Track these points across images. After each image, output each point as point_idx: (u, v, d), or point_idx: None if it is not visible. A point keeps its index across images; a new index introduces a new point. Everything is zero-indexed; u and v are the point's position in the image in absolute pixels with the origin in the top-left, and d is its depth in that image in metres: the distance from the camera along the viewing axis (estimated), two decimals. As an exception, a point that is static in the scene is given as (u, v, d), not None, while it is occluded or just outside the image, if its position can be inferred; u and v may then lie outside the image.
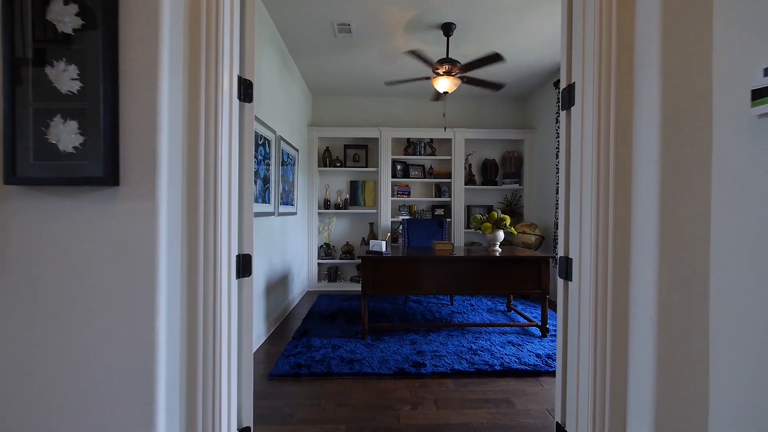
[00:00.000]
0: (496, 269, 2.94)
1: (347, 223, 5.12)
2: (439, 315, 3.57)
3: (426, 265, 2.92)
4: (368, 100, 5.11)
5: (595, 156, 1.07)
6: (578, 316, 1.13)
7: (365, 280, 2.86)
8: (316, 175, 4.83)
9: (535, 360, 2.47)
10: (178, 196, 0.99)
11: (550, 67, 4.13)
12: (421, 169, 5.05)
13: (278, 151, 3.25)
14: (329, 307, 3.87)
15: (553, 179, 4.37)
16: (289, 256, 3.88)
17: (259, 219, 2.82)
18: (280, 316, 3.42)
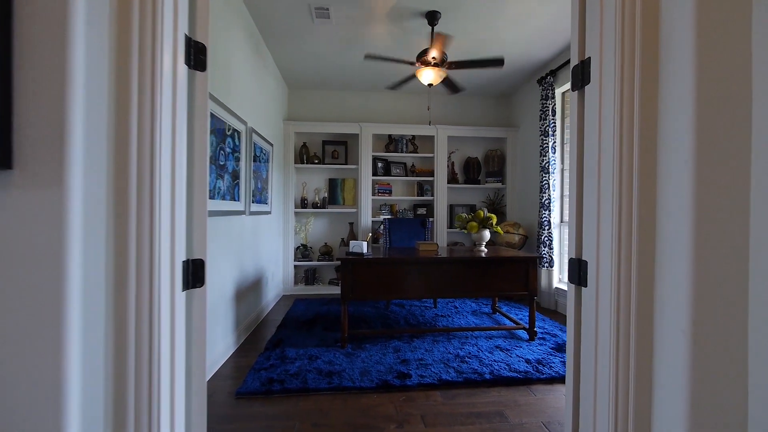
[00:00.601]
0: (483, 270, 2.80)
1: (326, 223, 4.88)
2: (423, 319, 3.40)
3: (410, 267, 2.74)
4: (348, 94, 4.89)
5: (617, 141, 0.91)
6: (596, 327, 0.97)
7: (345, 284, 2.65)
8: (292, 172, 4.56)
9: (525, 366, 2.34)
10: (100, 186, 0.75)
11: (535, 64, 4.06)
12: (402, 167, 4.88)
13: (250, 144, 2.98)
14: (306, 312, 3.62)
15: (536, 178, 4.31)
16: (263, 259, 3.60)
17: (227, 218, 2.55)
18: (252, 324, 3.15)
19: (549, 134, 3.88)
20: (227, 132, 2.48)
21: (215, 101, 2.24)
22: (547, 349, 2.64)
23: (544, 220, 3.89)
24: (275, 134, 4.11)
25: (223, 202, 2.41)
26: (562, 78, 3.83)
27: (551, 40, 3.49)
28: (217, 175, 2.30)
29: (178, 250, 0.87)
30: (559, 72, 3.85)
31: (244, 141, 2.83)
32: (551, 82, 3.87)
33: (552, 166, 3.88)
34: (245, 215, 2.94)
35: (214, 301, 2.34)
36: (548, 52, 3.74)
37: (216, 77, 2.32)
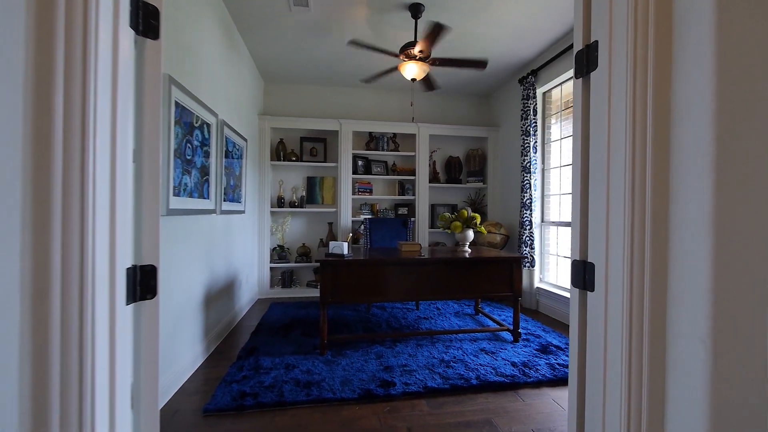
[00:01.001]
0: (468, 271, 2.72)
1: (303, 223, 4.69)
2: (406, 322, 3.30)
3: (393, 269, 2.63)
4: (327, 89, 4.73)
5: (630, 132, 0.83)
6: (604, 335, 0.89)
7: (324, 288, 2.50)
8: (268, 169, 4.34)
9: (511, 370, 2.28)
10: (14, 173, 0.59)
11: (516, 63, 4.04)
12: (383, 166, 4.77)
13: (221, 138, 2.78)
14: (283, 317, 3.44)
15: (517, 178, 4.30)
16: (236, 261, 3.39)
17: (195, 217, 2.34)
18: (224, 331, 2.94)
19: (530, 134, 3.87)
20: (195, 124, 2.28)
21: (182, 90, 2.04)
22: (532, 351, 2.60)
23: (526, 220, 3.88)
24: (250, 129, 3.89)
25: (190, 200, 2.20)
26: (543, 78, 3.83)
27: (533, 39, 3.47)
28: (183, 170, 2.10)
29: (120, 256, 0.70)
30: (541, 72, 3.85)
31: (214, 134, 2.63)
32: (532, 82, 3.87)
33: (533, 165, 3.87)
34: (216, 214, 2.73)
35: (180, 307, 2.14)
36: (530, 51, 3.73)
37: (184, 65, 2.12)
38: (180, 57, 2.09)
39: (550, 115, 4.00)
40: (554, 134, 4.00)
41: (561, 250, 3.93)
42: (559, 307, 3.50)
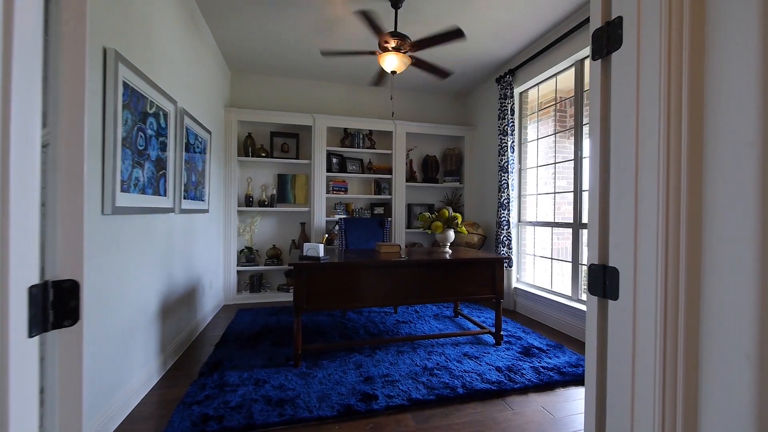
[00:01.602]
0: (450, 273, 2.62)
1: (274, 223, 4.42)
2: (384, 327, 3.15)
3: (372, 272, 2.47)
4: (300, 82, 4.48)
5: (664, 119, 0.72)
6: (632, 350, 0.78)
7: (299, 293, 2.30)
8: (235, 165, 4.04)
9: (497, 375, 2.19)
10: None
11: (493, 62, 4.01)
12: (359, 164, 4.59)
13: (180, 128, 2.49)
14: (252, 324, 3.18)
15: (494, 178, 4.28)
16: (199, 265, 3.09)
17: (149, 217, 2.06)
18: (184, 343, 2.65)
19: (508, 134, 3.86)
20: (149, 110, 2.00)
21: (132, 69, 1.77)
22: (515, 354, 2.53)
23: (503, 220, 3.86)
24: (215, 122, 3.59)
25: (143, 197, 1.93)
26: (520, 78, 3.82)
27: (512, 37, 3.44)
28: (134, 162, 1.83)
29: (15, 270, 0.50)
30: (518, 72, 3.84)
31: (173, 123, 2.34)
32: (510, 82, 3.85)
33: (511, 165, 3.86)
34: (174, 213, 2.45)
35: (130, 321, 1.85)
36: (508, 49, 3.70)
37: (134, 41, 1.85)
38: (129, 31, 1.81)
39: (527, 115, 4.00)
40: (531, 135, 4.01)
41: (538, 250, 3.94)
42: (537, 307, 3.49)
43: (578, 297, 3.11)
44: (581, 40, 3.01)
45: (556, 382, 2.13)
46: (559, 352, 2.57)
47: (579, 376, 2.18)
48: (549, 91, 3.80)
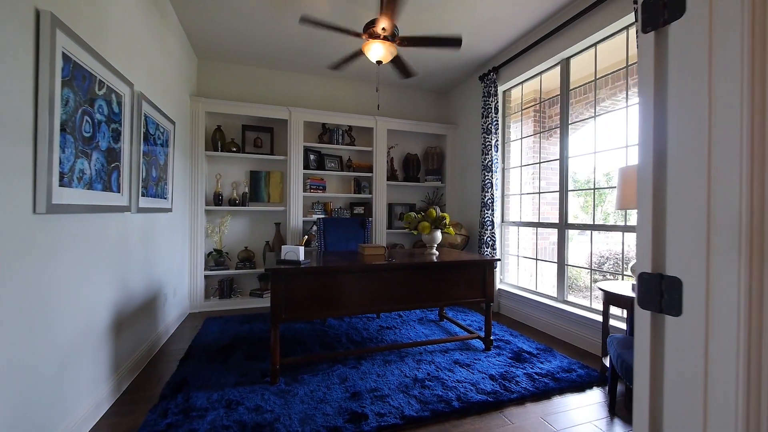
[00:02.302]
0: (439, 276, 2.48)
1: (246, 224, 4.11)
2: (368, 333, 2.96)
3: (357, 277, 2.28)
4: (275, 73, 4.20)
5: (748, 101, 0.60)
6: (703, 382, 0.65)
7: (276, 302, 2.07)
8: (202, 160, 3.70)
9: (492, 385, 2.07)
10: None
11: (477, 59, 3.93)
12: (338, 161, 4.38)
13: (138, 115, 2.18)
14: (222, 335, 2.89)
15: (477, 177, 4.21)
16: (161, 270, 2.76)
17: (98, 216, 1.76)
18: (143, 360, 2.34)
19: (491, 132, 3.79)
20: (98, 91, 1.70)
21: (76, 40, 1.48)
22: (507, 360, 2.43)
23: (487, 220, 3.79)
24: (179, 111, 3.25)
25: (90, 193, 1.63)
26: (504, 76, 3.76)
27: (498, 33, 3.37)
28: (79, 151, 1.54)
29: None
30: (502, 69, 3.78)
31: (128, 109, 2.04)
32: (494, 79, 3.79)
33: (495, 164, 3.79)
34: (131, 212, 2.14)
35: (72, 340, 1.56)
36: (493, 46, 3.63)
37: (80, 7, 1.55)
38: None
39: (510, 114, 3.96)
40: (513, 134, 3.97)
41: (522, 251, 3.90)
42: (521, 308, 3.44)
43: (564, 298, 3.07)
44: (568, 38, 2.97)
45: (552, 389, 2.04)
46: (550, 356, 2.49)
47: (574, 383, 2.11)
48: (530, 90, 3.77)
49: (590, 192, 7.83)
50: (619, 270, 5.77)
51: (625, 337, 1.74)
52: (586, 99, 3.88)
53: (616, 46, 2.85)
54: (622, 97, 3.52)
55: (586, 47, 2.94)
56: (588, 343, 2.67)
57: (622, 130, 2.73)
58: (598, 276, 6.14)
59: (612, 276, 3.66)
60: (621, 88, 3.54)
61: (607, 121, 2.98)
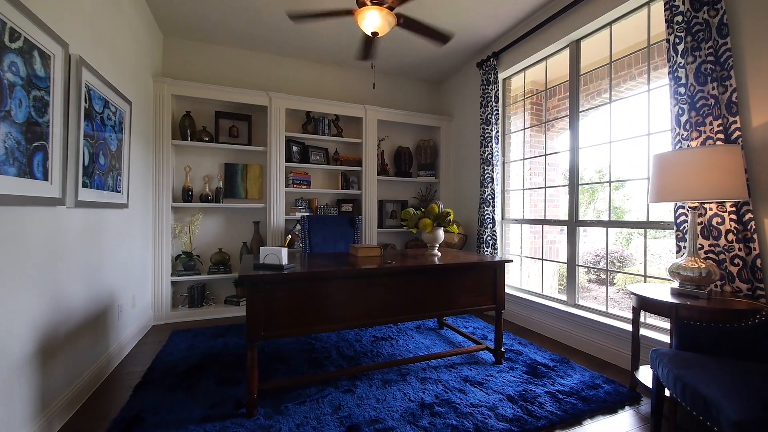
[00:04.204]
0: (446, 281, 2.15)
1: (220, 223, 3.67)
2: (361, 346, 2.60)
3: (350, 284, 1.92)
4: (253, 55, 3.78)
5: None
6: None
7: (254, 317, 1.69)
8: (168, 150, 3.24)
9: (512, 409, 1.76)
10: None
11: (475, 44, 3.64)
12: (324, 153, 3.99)
13: (76, 84, 1.75)
14: (190, 352, 2.46)
15: (475, 172, 3.93)
16: (113, 276, 2.31)
17: (13, 210, 1.33)
18: (86, 391, 1.89)
19: (491, 123, 3.50)
20: (9, 42, 1.27)
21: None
22: (522, 375, 2.13)
23: (486, 217, 3.50)
24: (139, 91, 2.79)
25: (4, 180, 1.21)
26: (505, 62, 3.48)
27: (499, 13, 3.08)
28: (-24, 121, 1.11)
29: None
30: (503, 55, 3.51)
31: (60, 74, 1.60)
32: (494, 66, 3.51)
33: (495, 157, 3.51)
34: (65, 207, 1.70)
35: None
36: (493, 28, 3.34)
37: None
38: None
39: (509, 104, 3.69)
40: (514, 126, 3.70)
41: (525, 251, 3.64)
42: (525, 312, 3.17)
43: (575, 302, 2.81)
44: (579, 16, 2.71)
45: (582, 412, 1.74)
46: (569, 369, 2.21)
47: (604, 402, 1.82)
48: (530, 81, 3.51)
49: (590, 188, 7.59)
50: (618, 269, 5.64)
51: (679, 353, 1.46)
52: (597, 87, 3.66)
53: (633, 26, 2.61)
54: (634, 84, 3.31)
55: (600, 27, 2.68)
56: (608, 353, 2.41)
57: (640, 118, 2.49)
58: (592, 275, 6.00)
59: (605, 275, 3.44)
60: (634, 76, 3.34)
61: (623, 108, 2.74)
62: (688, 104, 1.93)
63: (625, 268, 5.54)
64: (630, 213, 6.65)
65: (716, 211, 1.83)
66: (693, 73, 1.91)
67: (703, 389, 1.17)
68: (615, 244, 8.67)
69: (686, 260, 1.76)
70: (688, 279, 1.73)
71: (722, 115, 1.82)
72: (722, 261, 1.81)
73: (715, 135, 1.82)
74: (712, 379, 1.21)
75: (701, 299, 1.67)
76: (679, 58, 1.99)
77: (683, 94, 1.96)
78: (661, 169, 1.77)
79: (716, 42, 1.86)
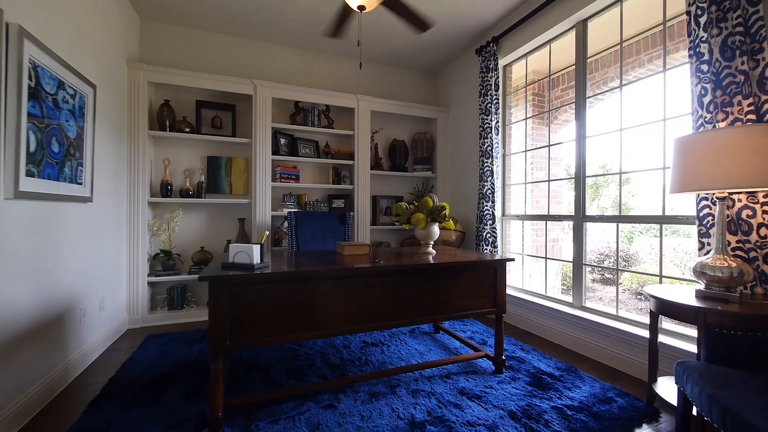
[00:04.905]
0: (441, 282, 1.94)
1: (203, 219, 3.45)
2: (349, 352, 2.38)
3: (331, 285, 1.70)
4: (238, 41, 3.55)
5: None
6: None
7: (218, 323, 1.47)
8: (145, 141, 3.02)
9: (514, 429, 1.54)
10: None
11: (474, 28, 3.42)
12: (313, 146, 3.77)
13: (17, 57, 1.53)
14: (160, 360, 2.24)
15: (473, 165, 3.71)
16: (73, 277, 2.09)
17: None
18: (33, 407, 1.67)
19: (491, 112, 3.28)
20: None
21: None
22: (525, 387, 1.91)
23: (486, 213, 3.28)
24: (107, 75, 2.57)
25: None
26: (506, 47, 3.26)
27: (502, -7, 2.86)
28: None
29: None
30: (503, 40, 3.28)
31: (-10, 45, 1.38)
32: (493, 52, 3.28)
33: (495, 149, 3.29)
34: (1, 198, 1.48)
35: None
36: (494, 11, 3.12)
37: None
38: None
39: (510, 93, 3.47)
40: (515, 117, 3.48)
41: (526, 249, 3.42)
42: (527, 315, 2.95)
43: (581, 304, 2.59)
44: (586, -6, 2.49)
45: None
46: (576, 379, 2.00)
47: (618, 420, 1.61)
48: (532, 71, 3.28)
49: (594, 185, 7.37)
50: (621, 267, 5.40)
51: (711, 368, 1.25)
52: (603, 75, 3.44)
53: (644, 5, 2.39)
54: (644, 72, 3.09)
55: (609, 4, 2.46)
56: (619, 361, 2.19)
57: (653, 105, 2.27)
58: (596, 275, 5.79)
59: (610, 274, 3.23)
60: (643, 63, 3.12)
61: (634, 95, 2.52)
62: (713, 83, 1.72)
63: (631, 267, 5.33)
64: (635, 210, 6.43)
65: (746, 202, 1.61)
66: (718, 47, 1.70)
67: (751, 417, 0.95)
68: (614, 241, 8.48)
69: (714, 258, 1.54)
70: (716, 280, 1.51)
71: (753, 93, 1.60)
72: (753, 259, 1.59)
73: (744, 116, 1.61)
74: (762, 404, 0.99)
75: (732, 303, 1.45)
76: (702, 32, 1.77)
77: (706, 71, 1.74)
78: (684, 155, 1.55)
79: (746, 11, 1.64)
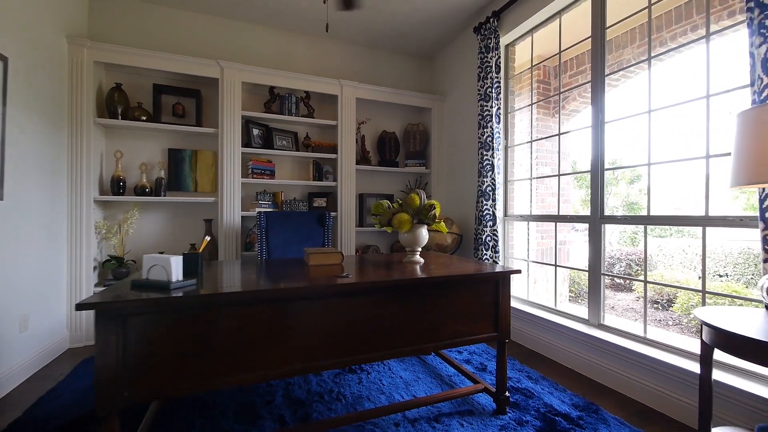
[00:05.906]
0: (428, 302, 1.52)
1: (163, 221, 3.03)
2: (318, 383, 1.96)
3: (278, 311, 1.28)
4: (203, 18, 3.13)
5: None
6: None
7: (108, 367, 1.05)
8: (91, 130, 2.60)
9: None
10: None
11: (471, 4, 3.00)
12: (291, 138, 3.35)
13: None
14: (86, 393, 1.82)
15: (472, 159, 3.29)
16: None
17: None
18: None
19: (492, 98, 2.86)
20: None
21: None
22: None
23: (486, 213, 2.86)
24: (31, 48, 2.15)
25: None
26: (508, 22, 2.84)
27: (504, -45, 2.44)
28: None
29: None
30: (505, 14, 2.87)
31: None
32: (494, 28, 2.86)
33: (496, 140, 2.87)
34: None
35: None
36: (495, -21, 2.70)
37: None
38: None
39: (513, 76, 3.05)
40: (518, 104, 3.06)
41: (523, 253, 3.00)
42: (533, 331, 2.53)
43: (599, 322, 2.18)
44: (606, -50, 2.07)
45: None
46: (599, 423, 1.58)
47: (664, 491, 1.19)
48: (540, 53, 2.86)
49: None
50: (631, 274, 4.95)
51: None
52: (618, 58, 3.03)
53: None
54: (665, 50, 2.68)
55: (635, -39, 2.04)
56: (651, 396, 1.77)
57: (684, 83, 1.85)
58: (607, 281, 5.36)
59: (623, 281, 2.81)
60: (665, 41, 2.71)
61: (662, 73, 2.10)
62: (785, 41, 1.30)
63: (649, 272, 4.90)
64: (644, 210, 5.99)
65: (838, 198, 1.19)
66: (793, -7, 1.28)
67: None
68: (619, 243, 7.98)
69: (799, 275, 1.12)
70: (805, 305, 1.09)
71: None
72: None
73: (835, 82, 1.19)
74: None
75: (833, 340, 1.03)
76: (767, -24, 1.35)
77: (775, 27, 1.33)
78: (754, 135, 1.13)
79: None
